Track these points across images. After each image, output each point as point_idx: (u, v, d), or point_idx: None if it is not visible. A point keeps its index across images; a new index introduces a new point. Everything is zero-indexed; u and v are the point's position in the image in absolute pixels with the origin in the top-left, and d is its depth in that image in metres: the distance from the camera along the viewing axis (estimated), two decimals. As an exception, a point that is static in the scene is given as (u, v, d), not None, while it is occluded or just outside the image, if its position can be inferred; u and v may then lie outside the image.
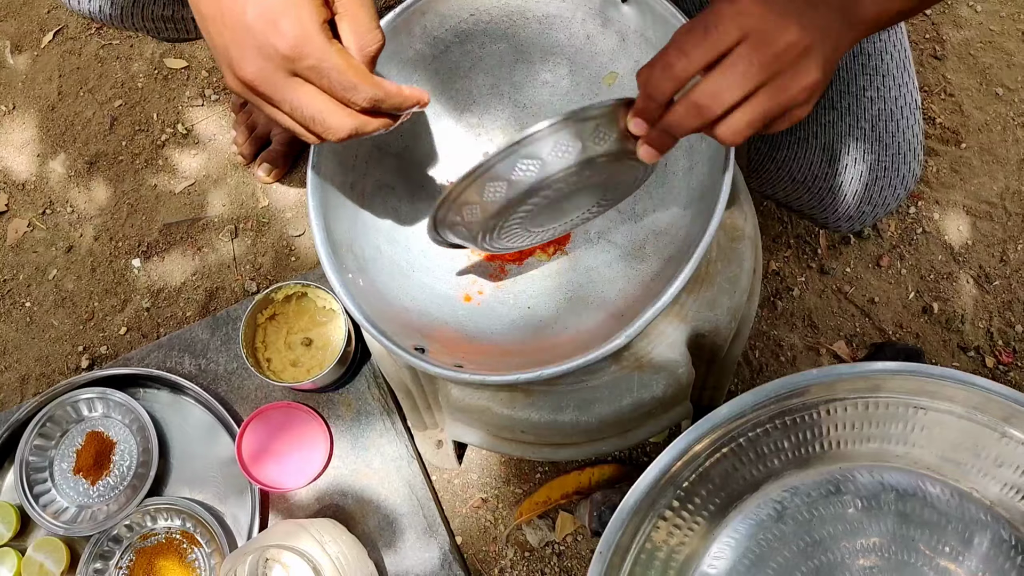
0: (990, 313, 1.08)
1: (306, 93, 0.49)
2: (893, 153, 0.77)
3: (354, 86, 0.49)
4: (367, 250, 0.67)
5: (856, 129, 0.76)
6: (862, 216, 0.83)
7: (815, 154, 0.79)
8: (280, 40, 0.47)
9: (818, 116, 0.77)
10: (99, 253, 1.21)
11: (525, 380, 0.56)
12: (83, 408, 1.01)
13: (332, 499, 0.99)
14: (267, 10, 0.48)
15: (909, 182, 0.80)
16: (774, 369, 1.07)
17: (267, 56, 0.48)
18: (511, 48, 0.70)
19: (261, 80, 0.49)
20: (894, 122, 0.76)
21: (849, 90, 0.75)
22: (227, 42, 0.49)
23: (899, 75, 0.75)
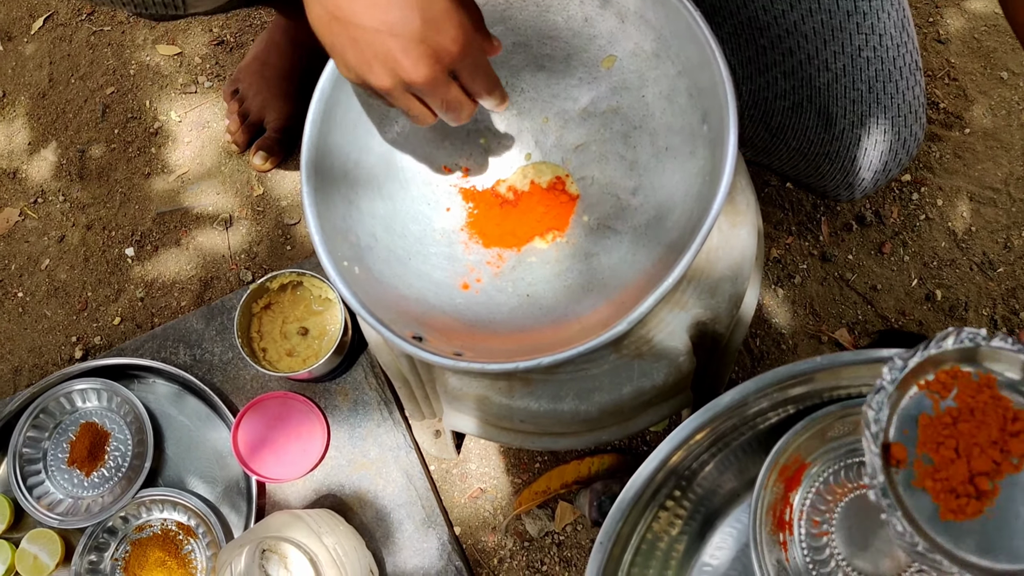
0: (993, 300, 1.07)
1: (454, 89, 0.57)
2: (893, 116, 0.75)
3: (495, 83, 0.59)
4: (363, 238, 0.66)
5: (852, 91, 0.74)
6: (862, 183, 0.81)
7: (811, 119, 0.77)
8: (452, 45, 0.54)
9: (812, 79, 0.75)
10: (92, 243, 1.19)
11: (524, 368, 0.55)
12: (77, 399, 1.00)
13: (329, 490, 0.98)
14: (436, 21, 0.53)
15: (911, 146, 0.78)
16: (775, 357, 1.06)
17: (438, 59, 0.54)
18: (508, 31, 0.69)
19: (430, 80, 0.55)
20: (892, 83, 0.74)
21: (843, 50, 0.73)
22: (394, 50, 0.53)
23: (897, 35, 0.73)
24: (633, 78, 0.66)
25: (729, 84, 0.55)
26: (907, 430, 0.47)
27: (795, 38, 0.74)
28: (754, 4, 0.74)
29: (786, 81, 0.78)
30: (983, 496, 0.45)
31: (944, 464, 0.46)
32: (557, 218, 0.71)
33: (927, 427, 0.47)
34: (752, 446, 0.65)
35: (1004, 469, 0.46)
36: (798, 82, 0.77)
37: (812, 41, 0.73)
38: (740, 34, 0.77)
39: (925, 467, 0.46)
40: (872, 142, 0.77)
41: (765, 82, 0.79)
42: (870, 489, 0.45)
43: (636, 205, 0.67)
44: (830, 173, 0.81)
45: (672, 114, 0.64)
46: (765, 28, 0.75)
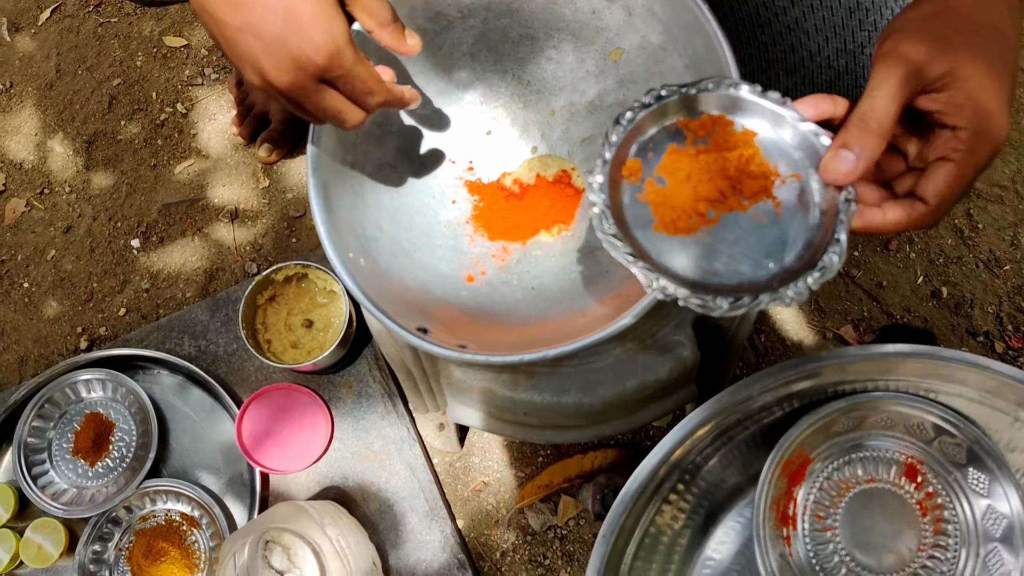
0: (1000, 298, 1.07)
1: (331, 97, 0.55)
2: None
3: (372, 92, 0.56)
4: (368, 229, 0.66)
5: (855, 89, 0.74)
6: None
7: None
8: (316, 54, 0.52)
9: (814, 76, 0.75)
10: (98, 233, 1.19)
11: (529, 361, 0.54)
12: (82, 389, 1.00)
13: (333, 482, 0.98)
14: (301, 27, 0.52)
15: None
16: (780, 352, 1.06)
17: (301, 67, 0.52)
18: (515, 23, 0.69)
19: (296, 87, 0.54)
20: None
21: (846, 47, 0.72)
22: (256, 52, 0.52)
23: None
24: (640, 71, 0.66)
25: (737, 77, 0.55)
26: (653, 154, 0.52)
27: (796, 35, 0.73)
28: (755, 0, 0.73)
29: (788, 78, 0.77)
30: (700, 219, 0.50)
31: (675, 185, 0.51)
32: (563, 211, 0.71)
33: (672, 155, 0.52)
34: (756, 441, 0.65)
35: (730, 204, 0.50)
36: (800, 79, 0.76)
37: (813, 38, 0.73)
38: (741, 31, 0.76)
39: (656, 186, 0.51)
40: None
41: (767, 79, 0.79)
42: (589, 187, 0.51)
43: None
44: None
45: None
46: (766, 24, 0.74)
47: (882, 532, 0.62)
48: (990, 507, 0.61)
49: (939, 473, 0.63)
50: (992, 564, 0.60)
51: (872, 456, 0.64)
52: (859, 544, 0.62)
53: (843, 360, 0.59)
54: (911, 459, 0.63)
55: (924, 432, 0.63)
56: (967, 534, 0.61)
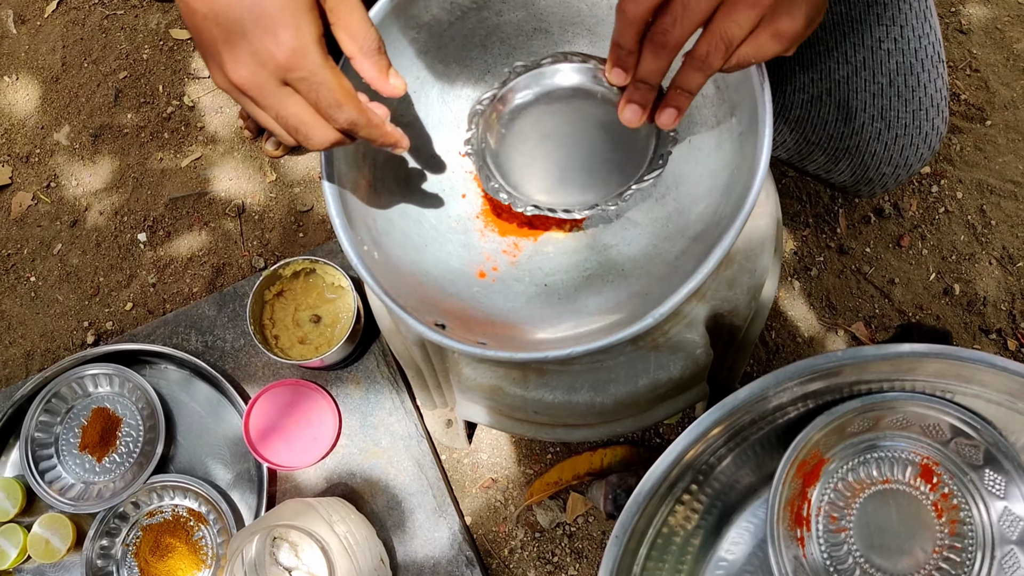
0: (1013, 295, 1.06)
1: (293, 103, 0.50)
2: (914, 109, 0.73)
3: (339, 105, 0.51)
4: (380, 222, 0.65)
5: (873, 84, 0.73)
6: (883, 179, 0.79)
7: (829, 113, 0.76)
8: (277, 49, 0.48)
9: (831, 72, 0.74)
10: (104, 228, 1.19)
11: (554, 358, 0.54)
12: (89, 384, 1.00)
13: (340, 478, 0.98)
14: (265, 17, 0.48)
15: (933, 141, 0.76)
16: (791, 350, 1.05)
17: (261, 63, 0.49)
18: (529, 17, 0.68)
19: (252, 85, 0.50)
20: (914, 76, 0.72)
21: (864, 42, 0.71)
22: (218, 41, 0.49)
23: (919, 25, 0.70)
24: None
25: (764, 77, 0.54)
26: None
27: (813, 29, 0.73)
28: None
29: (804, 74, 0.76)
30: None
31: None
32: (575, 208, 0.70)
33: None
34: (770, 441, 0.65)
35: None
36: (817, 75, 0.75)
37: (831, 32, 0.72)
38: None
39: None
40: (892, 136, 0.75)
41: (782, 74, 0.78)
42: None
43: (657, 197, 0.66)
44: (849, 168, 0.80)
45: (697, 107, 0.63)
46: None
47: (897, 533, 0.62)
48: (1007, 509, 0.60)
49: (955, 474, 0.62)
50: (1008, 567, 0.60)
51: (887, 457, 0.64)
52: (874, 546, 0.62)
53: (861, 360, 0.59)
54: (927, 460, 0.63)
55: (940, 433, 0.62)
56: (983, 536, 0.60)
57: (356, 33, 0.52)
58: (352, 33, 0.52)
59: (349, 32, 0.52)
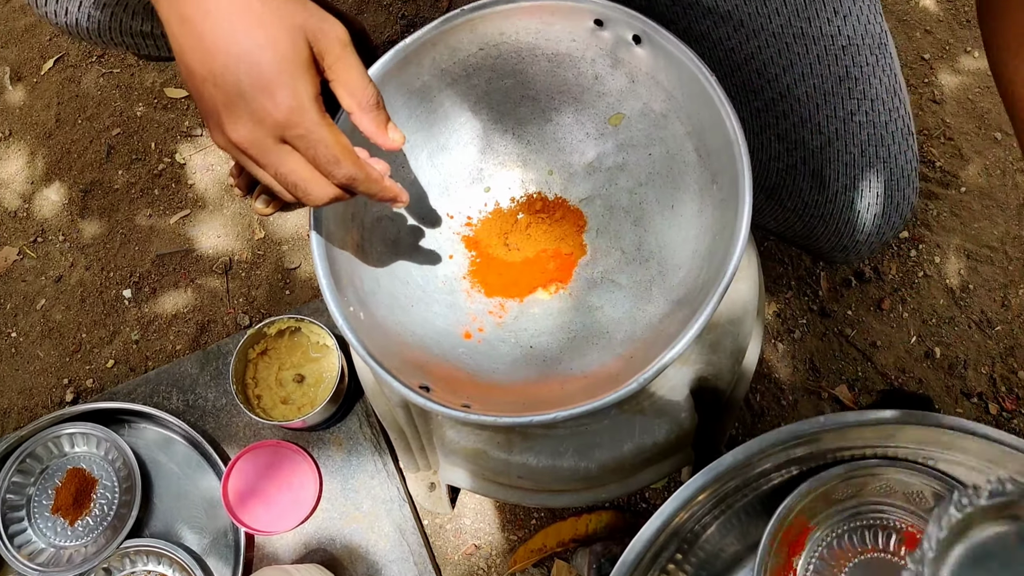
0: (992, 359, 1.07)
1: (292, 160, 0.52)
2: (885, 179, 0.76)
3: (337, 161, 0.52)
4: (367, 282, 0.66)
5: (845, 155, 0.75)
6: (856, 246, 0.81)
7: (804, 181, 0.78)
8: (275, 109, 0.49)
9: (805, 141, 0.76)
10: (89, 283, 1.18)
11: (538, 422, 0.53)
12: (65, 443, 0.98)
13: (320, 543, 0.95)
14: (263, 78, 0.49)
15: (904, 210, 0.79)
16: (776, 413, 1.05)
17: (259, 122, 0.50)
18: (518, 84, 0.70)
19: (251, 144, 0.51)
20: (884, 147, 0.75)
21: (836, 114, 0.74)
22: (218, 103, 0.50)
23: (889, 100, 0.74)
24: (640, 136, 0.67)
25: (744, 147, 0.56)
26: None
27: (788, 102, 0.75)
28: (748, 67, 0.75)
29: (780, 143, 0.79)
30: None
31: None
32: (560, 270, 0.71)
33: None
34: (755, 508, 0.64)
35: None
36: (791, 144, 0.78)
37: (805, 105, 0.75)
38: (735, 96, 0.78)
39: None
40: (865, 205, 0.78)
41: (759, 143, 0.80)
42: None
43: (641, 260, 0.67)
44: (824, 235, 0.82)
45: (679, 173, 0.65)
46: (759, 91, 0.76)
47: (884, 603, 0.61)
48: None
49: (941, 542, 0.61)
50: (997, 638, 0.59)
51: (873, 524, 0.63)
52: (861, 616, 0.61)
53: (842, 426, 0.59)
54: (911, 528, 0.62)
55: (924, 500, 0.62)
56: (971, 606, 0.60)
57: (355, 89, 0.53)
58: (351, 89, 0.53)
59: (348, 88, 0.53)
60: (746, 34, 0.74)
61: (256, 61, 0.49)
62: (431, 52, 0.67)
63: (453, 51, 0.67)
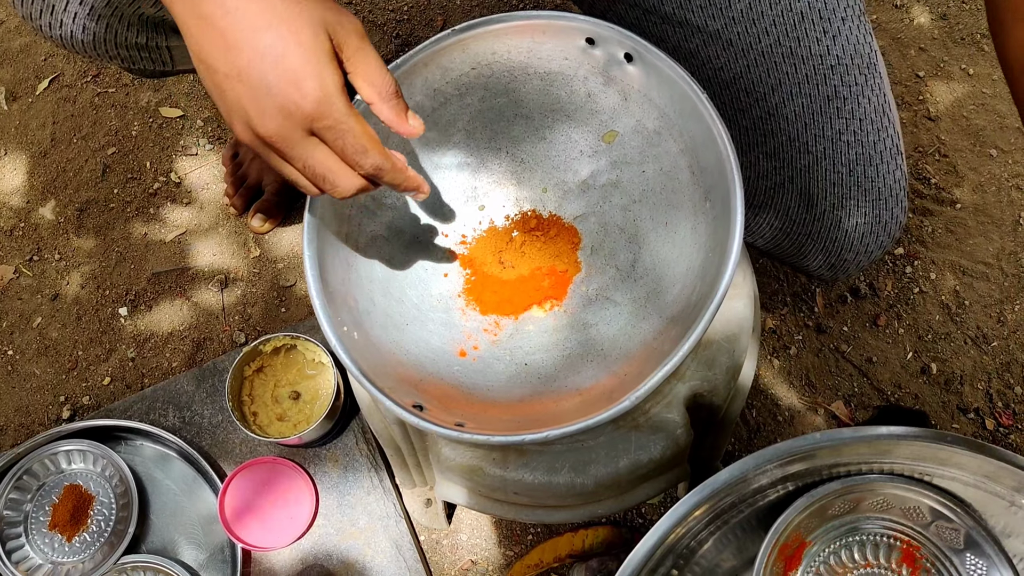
0: (988, 374, 1.07)
1: (321, 152, 0.52)
2: (873, 199, 0.76)
3: (365, 151, 0.53)
4: (361, 302, 0.66)
5: (833, 173, 0.75)
6: (844, 264, 0.81)
7: (792, 199, 0.79)
8: (303, 100, 0.50)
9: (793, 160, 0.77)
10: (85, 301, 1.19)
11: (531, 441, 0.54)
12: (62, 461, 0.98)
13: (316, 559, 0.95)
14: (289, 71, 0.49)
15: (892, 229, 0.79)
16: (772, 429, 1.05)
17: (288, 115, 0.50)
18: (511, 103, 0.70)
19: (280, 137, 0.51)
20: (873, 167, 0.75)
21: (824, 134, 0.74)
22: (243, 98, 0.50)
23: (877, 119, 0.74)
24: (634, 153, 0.67)
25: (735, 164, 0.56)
26: None
27: (777, 120, 0.76)
28: (736, 86, 0.76)
29: (768, 162, 0.79)
30: None
31: None
32: (555, 287, 0.71)
33: None
34: (751, 523, 0.64)
35: None
36: (779, 163, 0.78)
37: (793, 124, 0.75)
38: (723, 115, 0.79)
39: None
40: (853, 224, 0.78)
41: (748, 162, 0.81)
42: None
43: (635, 277, 0.67)
44: (813, 253, 0.82)
45: (673, 190, 0.65)
46: (747, 109, 0.77)
47: (881, 620, 0.61)
48: (990, 594, 0.60)
49: (936, 559, 0.62)
50: (994, 654, 0.59)
51: (869, 540, 0.63)
52: (858, 632, 0.61)
53: (838, 442, 0.59)
54: (908, 543, 0.62)
55: (921, 516, 0.62)
56: (967, 622, 0.60)
57: (374, 80, 0.54)
58: (371, 80, 0.54)
59: (368, 79, 0.54)
60: (735, 53, 0.74)
61: (281, 54, 0.49)
62: (423, 72, 0.67)
63: (445, 71, 0.68)
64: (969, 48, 1.27)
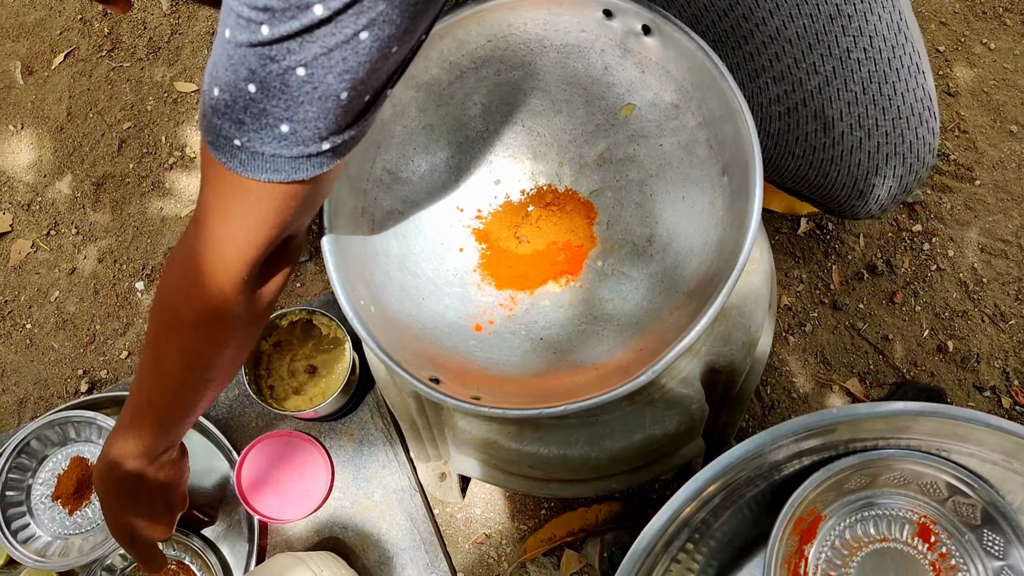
0: (1006, 352, 1.06)
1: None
2: (893, 118, 0.73)
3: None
4: (377, 276, 0.66)
5: (846, 93, 0.73)
6: (875, 192, 0.78)
7: (807, 122, 0.76)
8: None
9: (803, 82, 0.74)
10: (102, 275, 1.19)
11: (549, 415, 0.54)
12: (71, 431, 0.98)
13: (332, 531, 0.96)
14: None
15: (921, 151, 0.76)
16: (786, 405, 1.05)
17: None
18: (527, 76, 0.70)
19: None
20: (889, 84, 0.72)
21: (832, 53, 0.72)
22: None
23: (891, 37, 0.72)
24: (651, 127, 0.67)
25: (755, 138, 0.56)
26: None
27: (779, 43, 0.73)
28: (735, 12, 0.73)
29: (777, 86, 0.77)
30: None
31: None
32: (571, 262, 0.71)
33: None
34: (767, 498, 0.64)
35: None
36: (789, 87, 0.76)
37: (797, 45, 0.73)
38: (726, 41, 0.76)
39: None
40: (875, 145, 0.75)
41: (756, 88, 0.78)
42: None
43: (651, 252, 0.67)
44: (839, 181, 0.79)
45: (690, 164, 0.65)
46: (749, 35, 0.74)
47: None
48: (1005, 570, 0.60)
49: (953, 534, 0.61)
50: (1008, 629, 0.59)
51: (885, 515, 0.63)
52: (872, 606, 0.61)
53: (855, 417, 0.59)
54: (924, 518, 0.62)
55: (938, 491, 0.62)
56: (982, 598, 0.60)
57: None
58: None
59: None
60: None
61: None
62: (439, 45, 0.67)
63: (461, 43, 0.67)
64: (991, 22, 1.25)
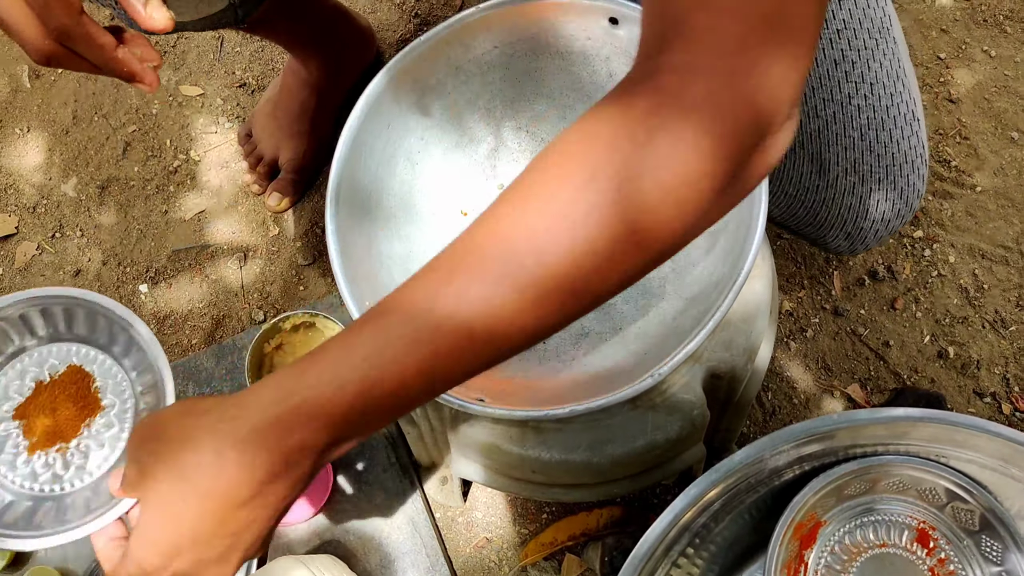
0: (1006, 359, 1.06)
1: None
2: (887, 164, 0.75)
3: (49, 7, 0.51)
4: (382, 276, 0.67)
5: (844, 138, 0.74)
6: (862, 234, 0.80)
7: (804, 164, 0.77)
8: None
9: (803, 124, 0.76)
10: (107, 278, 1.20)
11: (553, 416, 0.54)
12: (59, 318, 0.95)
13: (333, 535, 0.96)
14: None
15: (910, 197, 0.77)
16: (787, 411, 1.05)
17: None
18: (532, 82, 0.70)
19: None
20: (886, 132, 0.74)
21: (833, 97, 0.73)
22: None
23: (890, 84, 0.73)
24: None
25: None
26: None
27: None
28: None
29: None
30: None
31: None
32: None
33: None
34: (767, 503, 0.65)
35: None
36: None
37: None
38: None
39: None
40: (867, 190, 0.77)
41: None
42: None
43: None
44: (828, 221, 0.81)
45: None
46: None
47: (895, 599, 0.61)
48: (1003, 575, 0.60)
49: (951, 540, 0.62)
50: (1007, 635, 0.59)
51: (884, 520, 0.63)
52: (872, 612, 0.61)
53: (855, 423, 0.59)
54: (923, 524, 0.63)
55: (936, 497, 0.62)
56: (981, 603, 0.60)
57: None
58: None
59: None
60: None
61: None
62: (446, 50, 0.67)
63: (468, 48, 0.68)
64: (992, 30, 1.25)
